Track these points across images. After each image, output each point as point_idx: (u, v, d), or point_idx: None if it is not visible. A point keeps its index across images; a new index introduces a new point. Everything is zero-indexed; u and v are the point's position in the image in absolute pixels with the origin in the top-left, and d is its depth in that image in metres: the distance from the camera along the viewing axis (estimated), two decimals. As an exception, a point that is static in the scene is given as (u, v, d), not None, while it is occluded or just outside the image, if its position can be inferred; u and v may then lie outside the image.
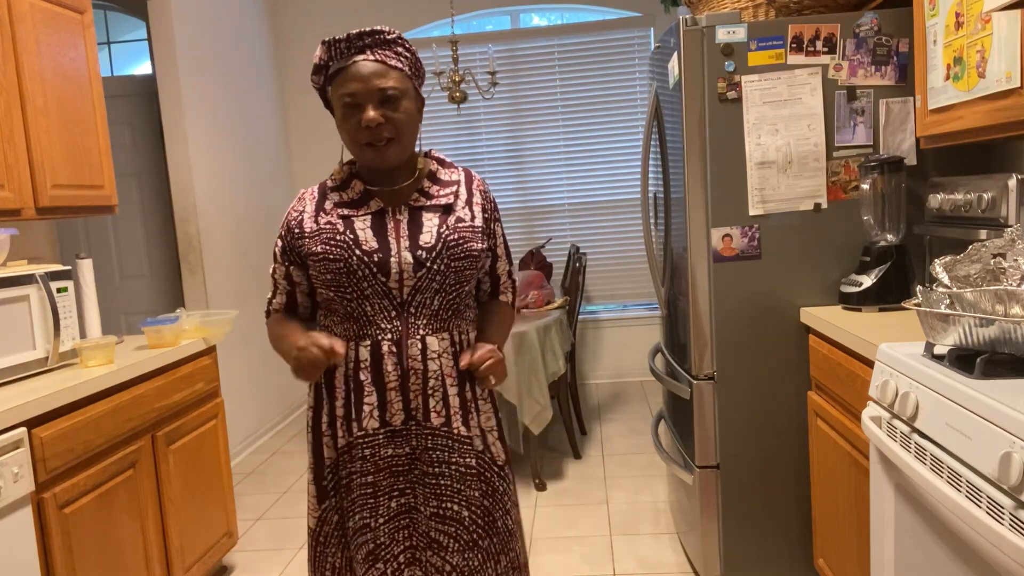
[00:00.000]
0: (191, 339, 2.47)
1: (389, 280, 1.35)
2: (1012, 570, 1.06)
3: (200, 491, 2.47)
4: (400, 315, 1.37)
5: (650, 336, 5.04)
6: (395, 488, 1.40)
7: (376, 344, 1.37)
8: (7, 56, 2.14)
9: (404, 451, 1.38)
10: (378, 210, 1.39)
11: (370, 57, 1.32)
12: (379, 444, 1.38)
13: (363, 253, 1.35)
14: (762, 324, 2.19)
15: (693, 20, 2.12)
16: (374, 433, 1.38)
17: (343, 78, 1.32)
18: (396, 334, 1.37)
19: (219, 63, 4.10)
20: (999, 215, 1.74)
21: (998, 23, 1.50)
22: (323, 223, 1.39)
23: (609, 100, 4.93)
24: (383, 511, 1.40)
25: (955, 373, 1.28)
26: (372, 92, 1.31)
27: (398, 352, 1.37)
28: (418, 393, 1.38)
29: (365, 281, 1.35)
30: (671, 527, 2.86)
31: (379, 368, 1.37)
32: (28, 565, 1.70)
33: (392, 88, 1.32)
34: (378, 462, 1.38)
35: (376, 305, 1.36)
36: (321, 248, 1.36)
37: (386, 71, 1.32)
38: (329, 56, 1.34)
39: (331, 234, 1.37)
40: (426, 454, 1.39)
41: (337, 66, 1.34)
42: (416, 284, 1.36)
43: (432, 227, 1.38)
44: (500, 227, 1.53)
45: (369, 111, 1.31)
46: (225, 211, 4.04)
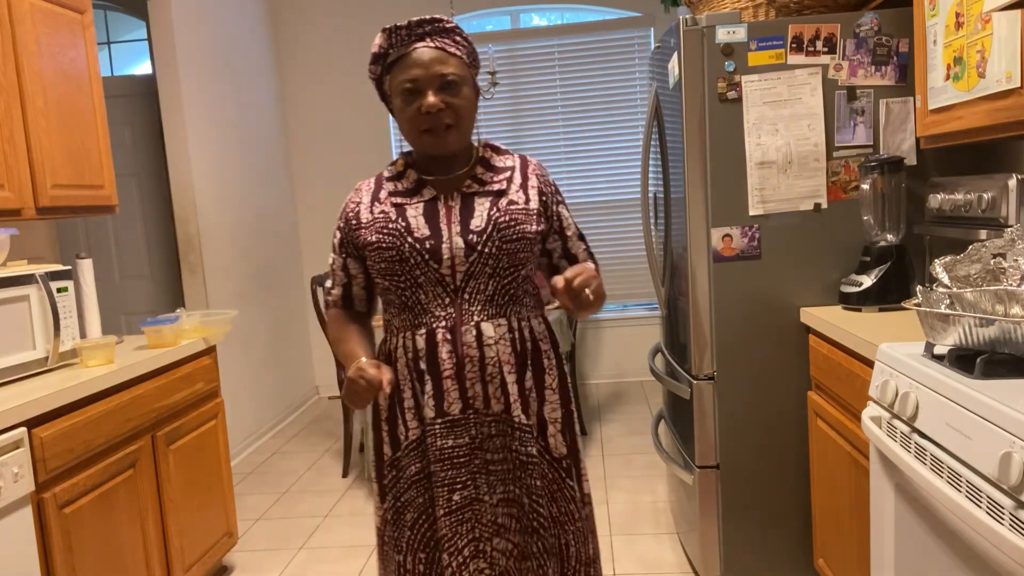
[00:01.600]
0: (191, 339, 2.47)
1: (441, 267, 1.34)
2: (1012, 570, 1.06)
3: (200, 491, 2.47)
4: (454, 302, 1.36)
5: (650, 336, 5.04)
6: (457, 481, 1.38)
7: (431, 332, 1.36)
8: (7, 56, 2.14)
9: (463, 441, 1.37)
10: (431, 198, 1.39)
11: (430, 44, 1.33)
12: (436, 434, 1.37)
13: (415, 240, 1.34)
14: (762, 324, 2.19)
15: (693, 20, 2.12)
16: (431, 423, 1.37)
17: (403, 65, 1.32)
18: (450, 321, 1.36)
19: (219, 63, 4.10)
20: (999, 215, 1.74)
21: (998, 23, 1.50)
22: (377, 212, 1.39)
23: (609, 100, 4.93)
24: (443, 503, 1.38)
25: (955, 373, 1.28)
26: (433, 78, 1.31)
27: (452, 340, 1.36)
28: (475, 381, 1.36)
29: (418, 268, 1.35)
30: (671, 527, 2.86)
31: (434, 357, 1.36)
32: (28, 565, 1.70)
33: (452, 74, 1.32)
34: (436, 453, 1.37)
35: (430, 293, 1.36)
36: (375, 237, 1.37)
37: (446, 58, 1.32)
38: (389, 44, 1.34)
39: (384, 223, 1.37)
40: (488, 441, 1.38)
41: (397, 53, 1.34)
42: (468, 269, 1.35)
43: (483, 211, 1.37)
44: (566, 209, 1.50)
45: (430, 96, 1.30)
46: (225, 211, 4.04)
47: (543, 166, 1.50)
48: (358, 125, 5.06)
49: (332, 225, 5.11)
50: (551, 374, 1.44)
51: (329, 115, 5.07)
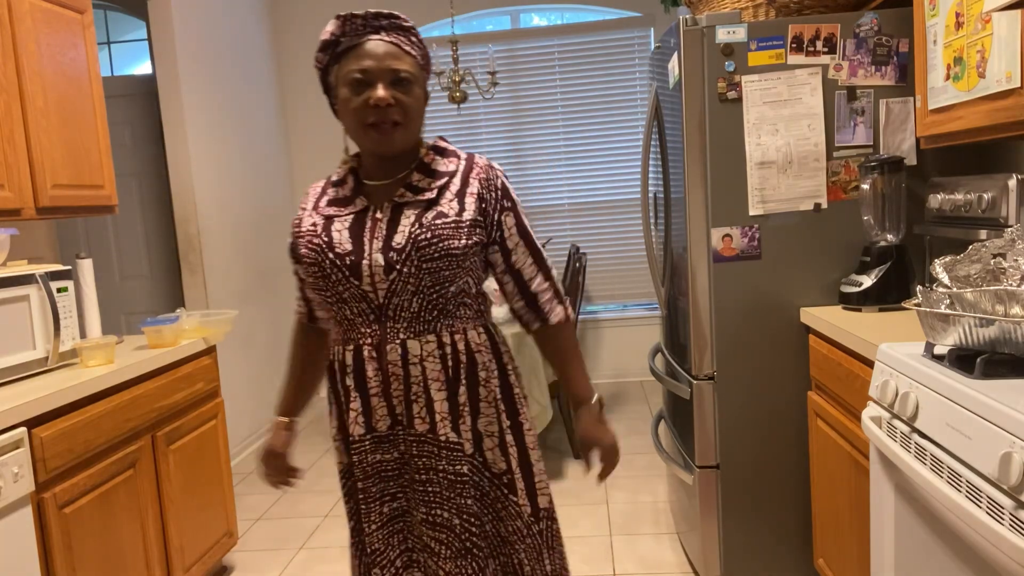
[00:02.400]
0: (191, 339, 2.47)
1: (362, 283, 1.29)
2: (1012, 570, 1.06)
3: (200, 491, 2.47)
4: (379, 319, 1.31)
5: (650, 336, 5.04)
6: (386, 493, 1.37)
7: (358, 349, 1.33)
8: (7, 56, 2.14)
9: (392, 455, 1.35)
10: (362, 208, 1.33)
11: (385, 38, 1.28)
12: (366, 450, 1.35)
13: (336, 256, 1.29)
14: (762, 324, 2.19)
15: (693, 20, 2.12)
16: (360, 439, 1.35)
17: (355, 55, 1.27)
18: (375, 338, 1.32)
19: (219, 63, 4.10)
20: (999, 215, 1.74)
21: (998, 23, 1.50)
22: (308, 224, 1.35)
23: (609, 100, 4.93)
24: (375, 517, 1.37)
25: (955, 373, 1.28)
26: (385, 71, 1.26)
27: (378, 357, 1.32)
28: (401, 399, 1.32)
29: (340, 284, 1.30)
30: (671, 527, 2.86)
31: (362, 373, 1.33)
32: (28, 565, 1.70)
33: (405, 71, 1.27)
34: (366, 468, 1.36)
35: (355, 308, 1.32)
36: (303, 251, 1.33)
37: (400, 54, 1.28)
38: (342, 31, 1.28)
39: (310, 236, 1.33)
40: (413, 461, 1.35)
41: (349, 43, 1.28)
42: (390, 287, 1.28)
43: (407, 226, 1.29)
44: (512, 216, 1.36)
45: (380, 89, 1.24)
46: (225, 211, 4.04)
47: (494, 168, 1.37)
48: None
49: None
50: (488, 386, 1.36)
51: (329, 115, 5.07)
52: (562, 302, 1.41)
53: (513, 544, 1.39)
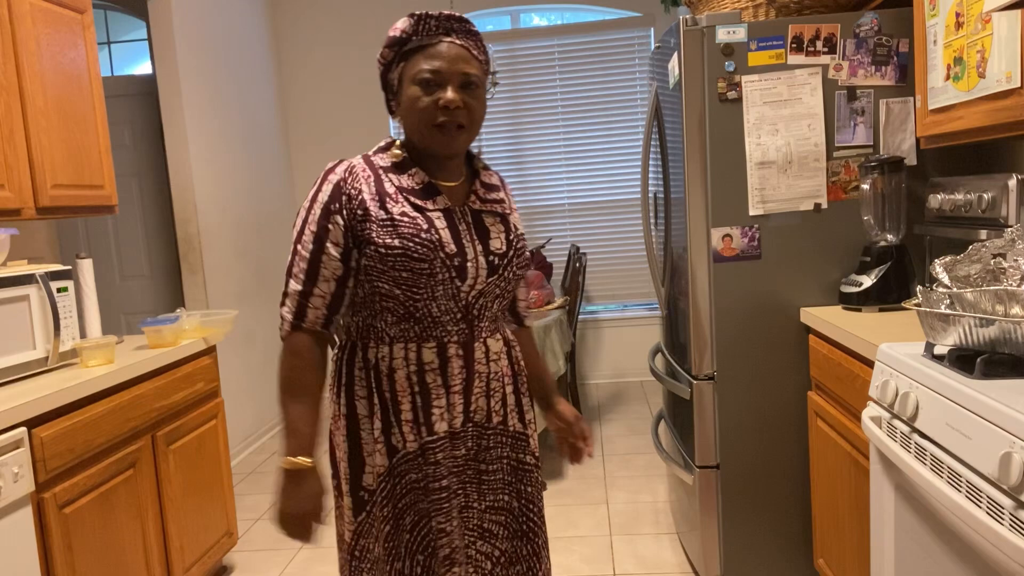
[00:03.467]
0: (191, 339, 2.47)
1: (463, 285, 1.30)
2: (1012, 570, 1.06)
3: (200, 491, 2.47)
4: (465, 318, 1.33)
5: (650, 336, 5.04)
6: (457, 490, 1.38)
7: (442, 346, 1.32)
8: (7, 56, 2.14)
9: (460, 452, 1.37)
10: (446, 207, 1.32)
11: (457, 41, 1.29)
12: (446, 448, 1.35)
13: (447, 256, 1.28)
14: (762, 324, 2.19)
15: (693, 20, 2.12)
16: (443, 436, 1.34)
17: (426, 54, 1.27)
18: (463, 336, 1.34)
19: (219, 63, 4.10)
20: (999, 215, 1.74)
21: (998, 23, 1.50)
22: (396, 212, 1.27)
23: (609, 100, 4.93)
24: (455, 514, 1.37)
25: (955, 373, 1.28)
26: (456, 74, 1.27)
27: (464, 355, 1.34)
28: (480, 395, 1.37)
29: (442, 285, 1.28)
30: (671, 527, 2.86)
31: (446, 371, 1.33)
32: (28, 565, 1.70)
33: (475, 75, 1.29)
34: (450, 465, 1.36)
35: (443, 307, 1.31)
36: (400, 243, 1.25)
37: (470, 58, 1.29)
38: (414, 30, 1.28)
39: (412, 229, 1.26)
40: (484, 453, 1.39)
41: (420, 42, 1.28)
42: (483, 289, 1.33)
43: (498, 233, 1.37)
44: None
45: (450, 91, 1.26)
46: (225, 211, 4.04)
47: None
48: (358, 125, 5.06)
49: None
50: (522, 378, 1.47)
51: (329, 114, 5.07)
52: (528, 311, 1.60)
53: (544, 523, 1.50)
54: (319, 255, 1.28)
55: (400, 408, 1.32)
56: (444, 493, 1.34)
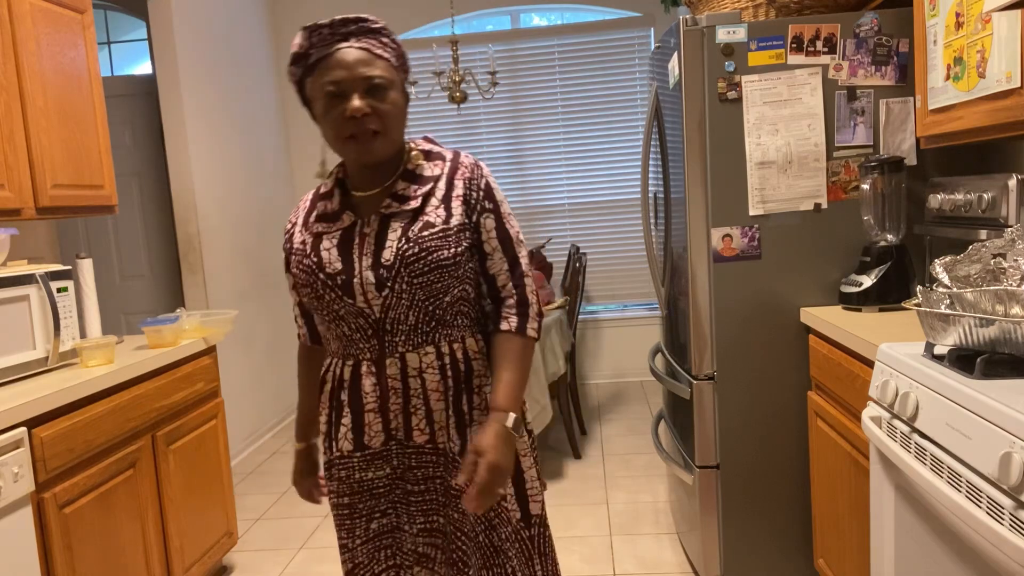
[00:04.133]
0: (191, 339, 2.47)
1: (356, 301, 1.27)
2: (1012, 570, 1.06)
3: (200, 491, 2.47)
4: (376, 333, 1.29)
5: (650, 336, 5.04)
6: (376, 510, 1.35)
7: (357, 364, 1.31)
8: (7, 56, 2.14)
9: (383, 472, 1.33)
10: (349, 224, 1.31)
11: (355, 45, 1.23)
12: (354, 467, 1.34)
13: (327, 276, 1.28)
14: (762, 324, 2.19)
15: (693, 20, 2.12)
16: (348, 455, 1.33)
17: (325, 66, 1.23)
18: (374, 353, 1.30)
19: (219, 63, 4.10)
20: (999, 215, 1.74)
21: (998, 23, 1.50)
22: (298, 242, 1.35)
23: (609, 100, 4.93)
24: (360, 532, 1.36)
25: (955, 373, 1.28)
26: (357, 80, 1.22)
27: (377, 372, 1.30)
28: (398, 412, 1.30)
29: (335, 303, 1.28)
30: (671, 527, 2.86)
31: (357, 389, 1.31)
32: (28, 565, 1.70)
33: (379, 77, 1.23)
34: (353, 485, 1.34)
35: (352, 324, 1.30)
36: (295, 270, 1.33)
37: (372, 59, 1.23)
38: (310, 44, 1.24)
39: (301, 256, 1.32)
40: (409, 473, 1.33)
41: (319, 54, 1.24)
42: (384, 303, 1.26)
43: (394, 240, 1.27)
44: (493, 218, 1.33)
45: (355, 100, 1.21)
46: (225, 211, 4.04)
47: (480, 166, 1.35)
48: (358, 125, 5.05)
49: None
50: (481, 394, 1.35)
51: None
52: (523, 315, 1.34)
53: (505, 552, 1.36)
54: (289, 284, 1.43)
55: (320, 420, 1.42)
56: (345, 511, 1.37)
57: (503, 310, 1.35)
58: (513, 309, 1.34)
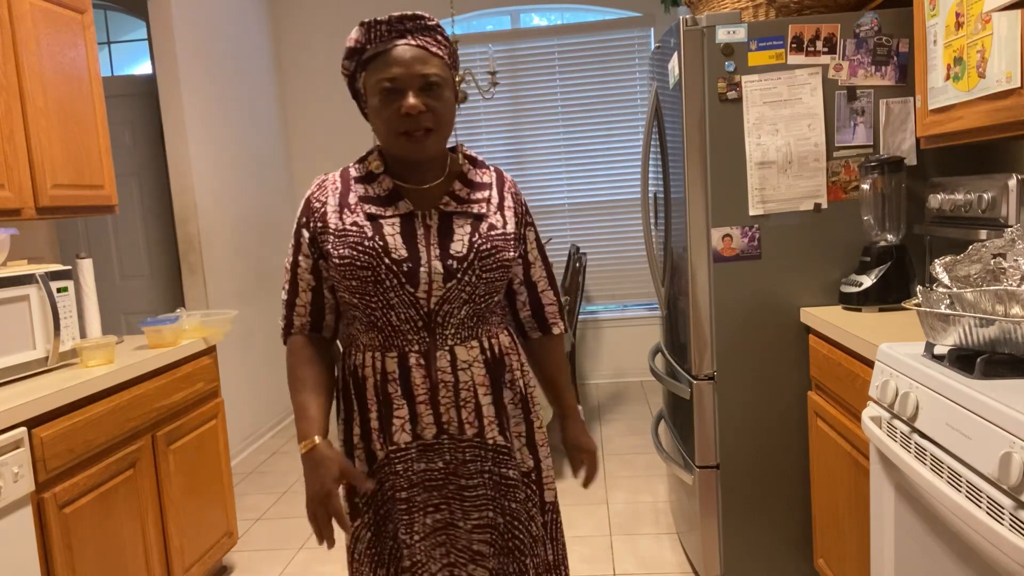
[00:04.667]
0: (191, 339, 2.47)
1: (417, 291, 1.28)
2: (1012, 570, 1.06)
3: (200, 491, 2.47)
4: (427, 326, 1.30)
5: (650, 336, 5.04)
6: (430, 504, 1.35)
7: (403, 356, 1.31)
8: (7, 56, 2.14)
9: (437, 465, 1.34)
10: (407, 212, 1.30)
11: (411, 42, 1.24)
12: (411, 459, 1.33)
13: (392, 262, 1.26)
14: (762, 324, 2.19)
15: (693, 20, 2.12)
16: (406, 447, 1.32)
17: (382, 62, 1.24)
18: (424, 346, 1.31)
19: (219, 63, 4.10)
20: (999, 215, 1.74)
21: (998, 23, 1.50)
22: (348, 223, 1.29)
23: (609, 100, 4.93)
24: (418, 528, 1.35)
25: (955, 373, 1.28)
26: (414, 77, 1.23)
27: (426, 364, 1.31)
28: (449, 406, 1.32)
29: (392, 291, 1.27)
30: (671, 527, 2.86)
31: (408, 381, 1.31)
32: (28, 565, 1.70)
33: (435, 75, 1.24)
34: (411, 477, 1.33)
35: (402, 315, 1.29)
36: (347, 252, 1.27)
37: (428, 57, 1.24)
38: (367, 39, 1.25)
39: (358, 237, 1.27)
40: (462, 467, 1.34)
41: (375, 50, 1.25)
42: (444, 295, 1.29)
43: (464, 235, 1.30)
44: (533, 231, 1.45)
45: (410, 97, 1.22)
46: (225, 211, 4.04)
47: (516, 183, 1.45)
48: (358, 125, 5.06)
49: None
50: (514, 388, 1.40)
51: (329, 114, 5.07)
52: (563, 317, 1.50)
53: (540, 540, 1.42)
54: (296, 267, 1.36)
55: (369, 416, 1.34)
56: (403, 505, 1.34)
57: (548, 315, 1.48)
58: (556, 315, 1.49)
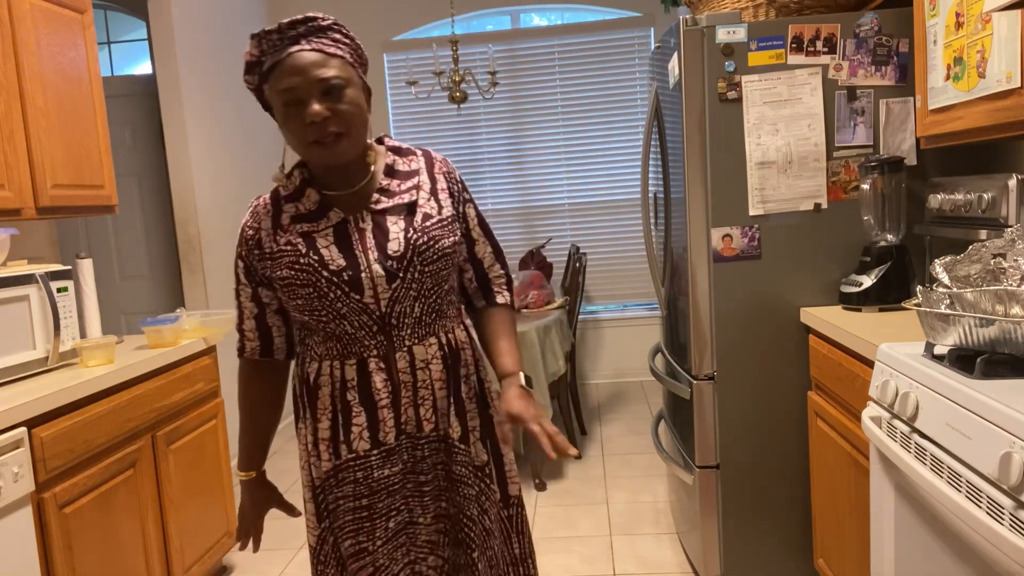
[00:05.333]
0: (191, 339, 2.47)
1: (363, 296, 1.26)
2: (1012, 570, 1.06)
3: (200, 491, 2.47)
4: (383, 329, 1.29)
5: (650, 336, 5.04)
6: (392, 508, 1.35)
7: (363, 362, 1.30)
8: (7, 56, 2.14)
9: (397, 468, 1.34)
10: (339, 221, 1.28)
11: (306, 47, 1.20)
12: (372, 466, 1.32)
13: (331, 274, 1.25)
14: (762, 324, 2.19)
15: (693, 20, 2.12)
16: (366, 455, 1.31)
17: (279, 72, 1.20)
18: (382, 349, 1.29)
19: (219, 63, 4.10)
20: (999, 215, 1.74)
21: (998, 23, 1.50)
22: (283, 243, 1.28)
23: (609, 100, 4.93)
24: (380, 533, 1.35)
25: (955, 373, 1.28)
26: (313, 84, 1.18)
27: (387, 368, 1.30)
28: (408, 406, 1.32)
29: (339, 301, 1.26)
30: (671, 527, 2.86)
31: (367, 387, 1.30)
32: (28, 565, 1.70)
33: (335, 78, 1.20)
34: (372, 484, 1.32)
35: (355, 322, 1.28)
36: (286, 273, 1.26)
37: (326, 60, 1.20)
38: (261, 51, 1.22)
39: (294, 256, 1.26)
40: (420, 464, 1.34)
41: (272, 60, 1.21)
42: (392, 296, 1.27)
43: (398, 232, 1.28)
44: (473, 207, 1.41)
45: (313, 105, 1.18)
46: (225, 211, 4.04)
47: (447, 160, 1.40)
48: (358, 125, 5.06)
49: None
50: (468, 382, 1.40)
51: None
52: (510, 289, 1.48)
53: (494, 533, 1.42)
54: (238, 295, 1.37)
55: (318, 427, 1.34)
56: (364, 512, 1.33)
57: (494, 286, 1.46)
58: (504, 285, 1.46)
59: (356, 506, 1.34)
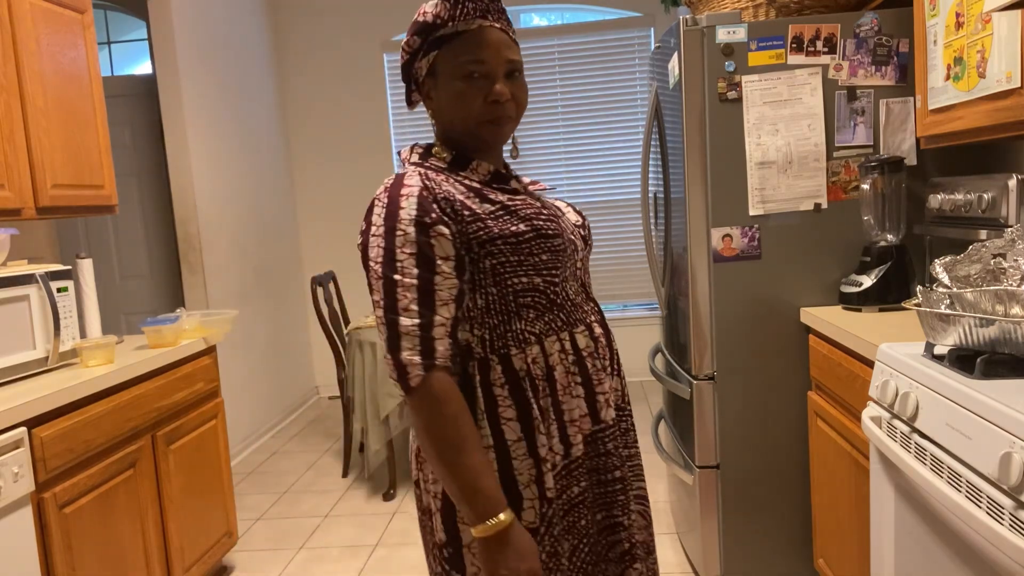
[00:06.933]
0: (191, 339, 2.47)
1: (577, 259, 1.23)
2: (1012, 570, 1.06)
3: (200, 491, 2.47)
4: (587, 295, 1.25)
5: (650, 336, 5.03)
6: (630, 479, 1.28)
7: (590, 328, 1.21)
8: (7, 56, 2.14)
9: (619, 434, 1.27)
10: (522, 191, 1.22)
11: (496, 24, 1.17)
12: (615, 435, 1.23)
13: (567, 227, 1.20)
14: (762, 324, 2.19)
15: (693, 20, 2.12)
16: (614, 424, 1.23)
17: (467, 43, 1.14)
18: (596, 315, 1.24)
19: (219, 63, 4.10)
20: (999, 215, 1.74)
21: (998, 23, 1.50)
22: (497, 201, 1.14)
23: (609, 100, 4.93)
24: (632, 507, 1.26)
25: (955, 373, 1.28)
26: (502, 64, 1.15)
27: (606, 333, 1.24)
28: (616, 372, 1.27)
29: (570, 261, 1.19)
30: (671, 527, 2.86)
31: (598, 353, 1.22)
32: (28, 565, 1.70)
33: (518, 62, 1.18)
34: (622, 453, 1.24)
35: (572, 288, 1.21)
36: (528, 226, 1.13)
37: (511, 43, 1.17)
38: (450, 15, 1.14)
39: (531, 210, 1.15)
40: (625, 436, 1.28)
41: (456, 28, 1.14)
42: (582, 264, 1.26)
43: (565, 207, 1.31)
44: None
45: (499, 84, 1.14)
46: (225, 211, 4.04)
47: None
48: (358, 125, 5.06)
49: (332, 225, 5.11)
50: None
51: (329, 114, 5.07)
52: None
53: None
54: (430, 277, 1.07)
55: (562, 409, 1.17)
56: (619, 484, 1.22)
57: None
58: None
59: (612, 478, 1.21)
